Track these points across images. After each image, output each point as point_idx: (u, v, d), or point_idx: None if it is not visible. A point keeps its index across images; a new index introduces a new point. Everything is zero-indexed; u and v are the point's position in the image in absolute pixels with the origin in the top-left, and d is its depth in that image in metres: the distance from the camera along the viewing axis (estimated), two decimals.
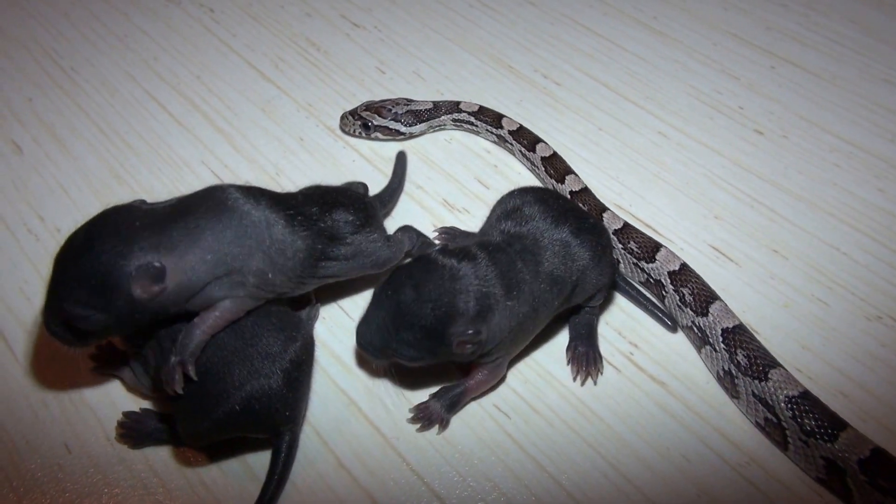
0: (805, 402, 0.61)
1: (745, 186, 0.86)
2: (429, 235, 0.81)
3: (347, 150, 0.93)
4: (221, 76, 1.04)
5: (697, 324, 0.69)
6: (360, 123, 0.91)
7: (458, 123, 0.93)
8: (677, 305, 0.72)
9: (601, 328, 0.72)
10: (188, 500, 0.62)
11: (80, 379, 0.70)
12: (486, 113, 0.92)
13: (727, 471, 0.62)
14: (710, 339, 0.67)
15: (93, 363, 0.69)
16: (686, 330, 0.72)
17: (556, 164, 0.86)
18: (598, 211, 0.80)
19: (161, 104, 1.00)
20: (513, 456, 0.64)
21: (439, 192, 0.87)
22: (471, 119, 0.92)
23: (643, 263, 0.75)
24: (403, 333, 0.57)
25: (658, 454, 0.64)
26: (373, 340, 0.60)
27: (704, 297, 0.70)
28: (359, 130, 0.92)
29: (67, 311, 0.53)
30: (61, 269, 0.55)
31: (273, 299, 0.62)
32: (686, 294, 0.70)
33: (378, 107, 0.91)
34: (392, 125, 0.90)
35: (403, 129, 0.90)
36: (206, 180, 0.90)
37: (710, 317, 0.68)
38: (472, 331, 0.57)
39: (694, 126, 0.94)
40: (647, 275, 0.75)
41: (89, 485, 0.63)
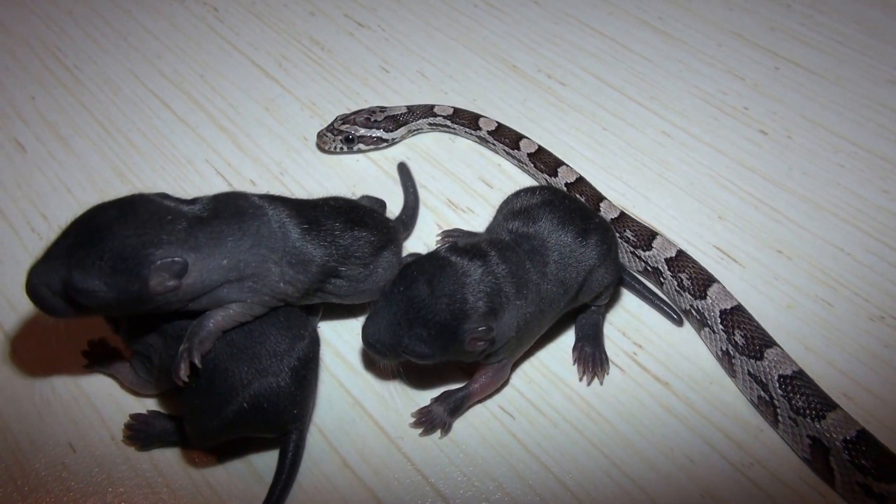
0: (797, 380, 0.62)
1: (749, 187, 0.86)
2: (433, 236, 0.81)
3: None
4: (225, 74, 1.04)
5: (696, 307, 0.70)
6: (341, 138, 0.88)
7: (434, 127, 0.92)
8: (676, 291, 0.73)
9: (605, 328, 0.72)
10: (193, 500, 0.62)
11: (84, 378, 0.70)
12: (462, 115, 0.91)
13: (731, 471, 0.63)
14: (709, 322, 0.69)
15: (85, 361, 0.69)
16: (685, 313, 0.73)
17: (545, 158, 0.86)
18: (595, 200, 0.81)
19: (164, 102, 1.00)
20: (517, 456, 0.64)
21: (443, 192, 0.87)
22: (446, 122, 0.91)
23: (640, 251, 0.76)
24: (417, 329, 0.57)
25: (662, 455, 0.64)
26: (382, 338, 0.59)
27: (702, 281, 0.71)
28: (340, 146, 0.89)
29: (76, 281, 0.51)
30: (81, 237, 0.52)
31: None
32: (684, 279, 0.72)
33: (355, 118, 0.89)
34: (375, 133, 0.88)
35: (386, 135, 0.88)
36: (210, 179, 0.90)
37: (709, 299, 0.69)
38: (484, 327, 0.57)
39: (698, 126, 0.94)
40: (645, 263, 0.76)
41: (93, 484, 0.63)
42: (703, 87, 0.99)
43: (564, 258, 0.63)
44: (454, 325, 0.57)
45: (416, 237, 0.82)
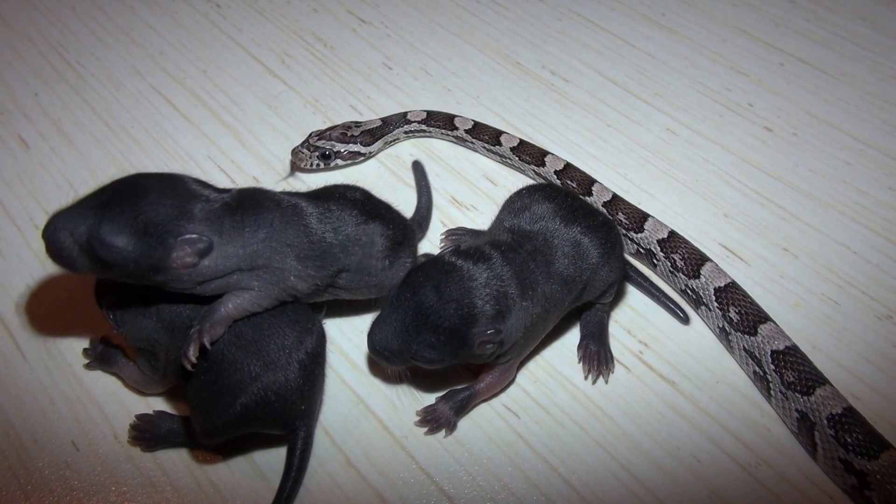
0: (789, 356, 0.63)
1: (755, 184, 0.86)
2: (437, 234, 0.81)
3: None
4: (227, 71, 1.03)
5: (691, 286, 0.71)
6: (318, 154, 0.85)
7: (410, 134, 0.91)
8: (669, 272, 0.74)
9: (610, 326, 0.72)
10: (196, 499, 0.62)
11: (87, 377, 0.70)
12: (436, 117, 0.90)
13: (738, 472, 0.62)
14: (705, 300, 0.70)
15: (86, 359, 0.69)
16: (681, 293, 0.74)
17: (529, 150, 0.86)
18: (587, 184, 0.82)
19: (167, 99, 0.99)
20: (523, 455, 0.64)
21: (448, 190, 0.87)
22: (421, 127, 0.90)
23: (632, 234, 0.77)
24: (426, 335, 0.57)
25: (669, 454, 0.63)
26: (390, 345, 0.59)
27: (695, 261, 0.72)
28: (316, 162, 0.86)
29: (103, 233, 0.52)
30: (120, 195, 0.54)
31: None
32: (677, 259, 0.73)
33: (330, 133, 0.87)
34: (352, 148, 0.86)
35: (364, 149, 0.87)
36: (213, 175, 0.89)
37: (702, 278, 0.70)
38: (492, 330, 0.57)
39: (703, 123, 0.94)
40: (637, 245, 0.76)
41: (97, 483, 0.63)
42: (707, 83, 0.99)
43: (568, 257, 0.62)
44: (463, 329, 0.57)
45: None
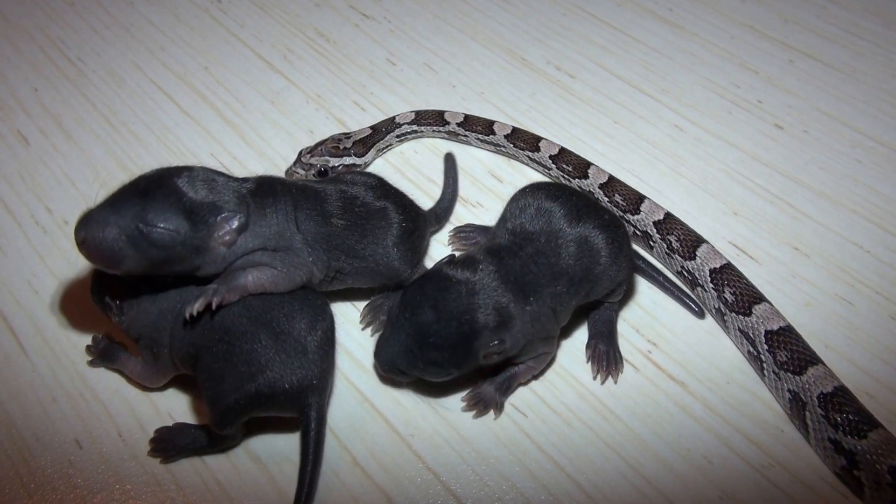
0: (782, 335, 0.64)
1: (765, 182, 0.85)
2: (443, 231, 0.80)
3: None
4: (229, 67, 1.02)
5: (687, 268, 0.72)
6: (313, 172, 0.83)
7: (402, 138, 0.89)
8: (665, 253, 0.74)
9: (619, 325, 0.71)
10: (201, 497, 0.61)
11: (90, 374, 0.69)
12: (425, 115, 0.89)
13: (750, 473, 0.61)
14: (700, 281, 0.70)
15: (89, 356, 0.68)
16: (677, 275, 0.75)
17: (523, 136, 0.86)
18: (582, 167, 0.82)
19: (168, 95, 0.99)
20: (530, 455, 0.63)
21: None
22: (412, 128, 0.89)
23: (629, 216, 0.77)
24: (429, 353, 0.57)
25: (679, 455, 0.63)
26: (397, 363, 0.60)
27: (691, 242, 0.73)
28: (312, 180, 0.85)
29: (152, 219, 0.54)
30: (156, 185, 0.56)
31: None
32: (673, 241, 0.73)
33: (321, 149, 0.85)
34: (347, 161, 0.85)
35: (359, 160, 0.85)
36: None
37: (698, 259, 0.71)
38: (496, 341, 0.57)
39: (711, 120, 0.92)
40: (633, 227, 0.76)
41: (100, 481, 0.62)
42: (715, 79, 0.98)
43: (573, 256, 0.62)
44: (466, 344, 0.57)
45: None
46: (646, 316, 0.73)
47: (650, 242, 0.75)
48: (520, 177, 0.87)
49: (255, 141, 0.92)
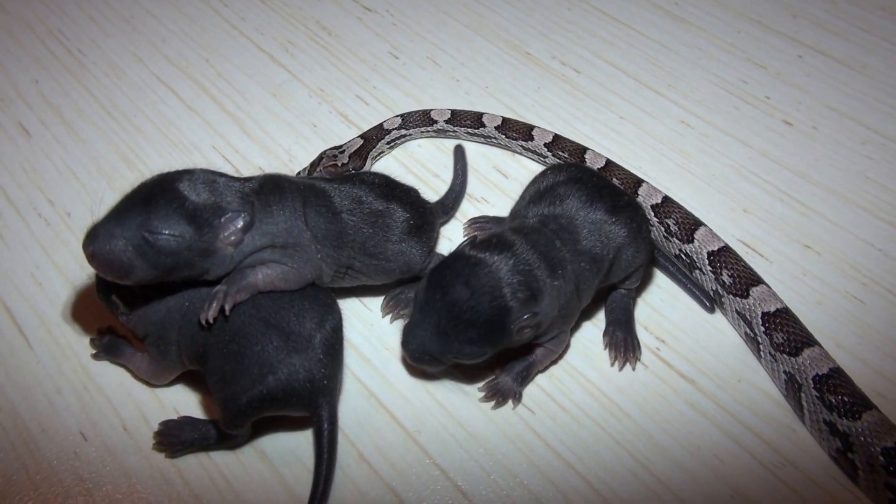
0: (779, 317, 0.64)
1: (775, 179, 0.84)
2: (449, 227, 0.79)
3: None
4: (231, 59, 1.01)
5: (685, 251, 0.73)
6: None
7: (393, 144, 0.88)
8: (664, 237, 0.75)
9: None
10: (206, 491, 0.61)
11: (94, 367, 0.68)
12: (412, 117, 0.88)
13: (762, 472, 0.61)
14: (698, 264, 0.71)
15: (93, 349, 0.68)
16: (675, 258, 0.75)
17: (515, 126, 0.86)
18: (579, 153, 0.82)
19: (170, 87, 0.98)
20: (538, 452, 0.63)
21: None
22: (400, 132, 0.87)
23: None
24: (464, 332, 0.57)
25: (689, 453, 0.62)
26: (430, 349, 0.59)
27: (689, 226, 0.73)
28: None
29: (157, 227, 0.54)
30: (157, 192, 0.56)
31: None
32: (671, 224, 0.74)
33: (320, 170, 0.82)
34: None
35: None
36: (217, 165, 0.86)
37: (696, 242, 0.71)
38: (529, 314, 0.57)
39: (719, 116, 0.92)
40: None
41: (106, 473, 0.62)
42: (722, 75, 0.97)
43: (594, 235, 0.62)
44: (500, 319, 0.57)
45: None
46: (654, 313, 0.72)
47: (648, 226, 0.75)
48: (525, 172, 0.86)
49: (257, 134, 0.91)
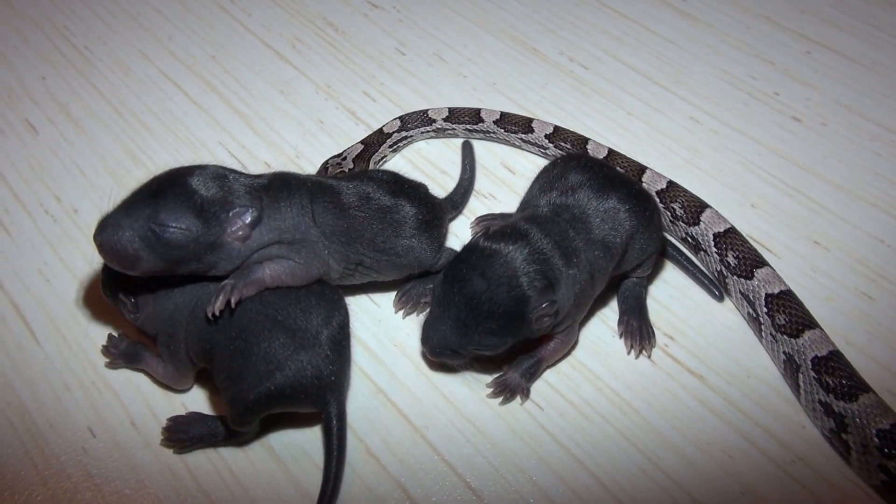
0: (781, 299, 0.65)
1: (783, 175, 0.84)
2: (456, 223, 0.79)
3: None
4: (237, 56, 1.01)
5: (690, 233, 0.74)
6: None
7: (394, 147, 0.87)
8: (670, 221, 0.76)
9: None
10: (215, 487, 0.61)
11: (101, 363, 0.68)
12: (411, 119, 0.87)
13: (772, 468, 0.61)
14: (703, 245, 0.72)
15: (107, 357, 0.67)
16: (682, 241, 0.76)
17: (513, 119, 0.86)
18: (580, 143, 0.83)
19: (176, 84, 0.98)
20: (547, 448, 0.62)
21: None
22: (401, 135, 0.87)
23: None
24: (484, 323, 0.57)
25: (698, 450, 0.62)
26: (450, 342, 0.59)
27: (695, 208, 0.74)
28: None
29: (164, 219, 0.54)
30: (167, 185, 0.56)
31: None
32: (677, 208, 0.75)
33: None
34: None
35: None
36: (224, 162, 0.84)
37: (702, 224, 0.72)
38: (547, 303, 0.57)
39: (728, 112, 0.91)
40: None
41: (114, 469, 0.62)
42: (731, 71, 0.96)
43: (607, 223, 0.62)
44: (519, 308, 0.57)
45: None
46: (662, 310, 0.72)
47: None
48: (532, 167, 0.86)
49: (264, 130, 0.91)
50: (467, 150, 0.85)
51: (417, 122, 0.88)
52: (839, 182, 0.83)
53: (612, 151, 0.81)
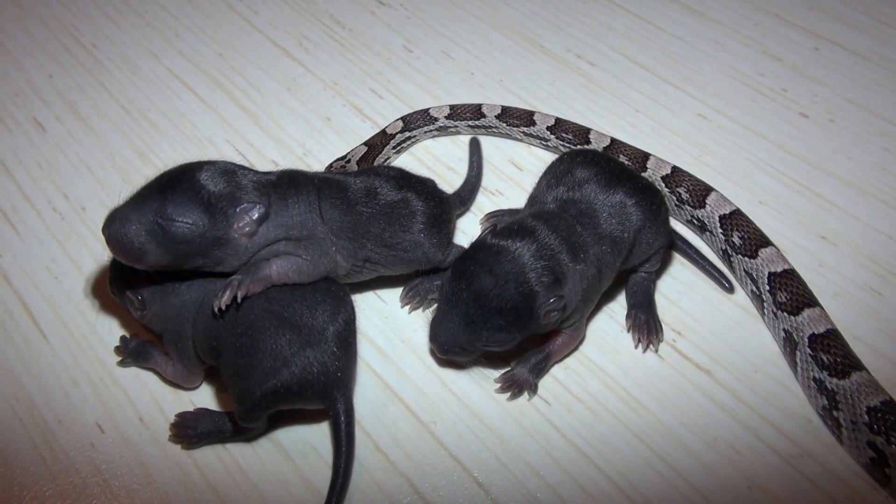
0: (784, 277, 0.66)
1: (791, 171, 0.84)
2: (463, 220, 0.79)
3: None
4: (244, 54, 1.01)
5: (696, 216, 0.75)
6: None
7: (398, 148, 0.87)
8: (675, 206, 0.77)
9: None
10: (223, 482, 0.61)
11: (111, 359, 0.69)
12: (412, 119, 0.87)
13: (779, 463, 0.61)
14: (709, 227, 0.74)
15: (118, 356, 0.68)
16: (687, 224, 0.78)
17: (515, 113, 0.86)
18: (582, 134, 0.83)
19: (184, 82, 0.98)
20: (554, 444, 0.63)
21: None
22: (405, 135, 0.86)
23: None
24: (493, 320, 0.58)
25: (706, 445, 0.62)
26: (459, 340, 0.59)
27: (700, 192, 0.75)
28: None
29: (171, 213, 0.54)
30: (176, 180, 0.56)
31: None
32: (682, 193, 0.76)
33: None
34: None
35: None
36: (232, 159, 0.86)
37: (708, 207, 0.74)
38: (555, 298, 0.58)
39: (736, 108, 0.91)
40: None
41: (122, 464, 0.62)
42: (739, 68, 0.96)
43: (614, 218, 0.62)
44: (527, 304, 0.57)
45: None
46: (670, 305, 0.72)
47: None
48: (539, 163, 0.86)
49: (271, 128, 0.92)
50: (474, 147, 0.85)
51: (420, 122, 0.88)
52: (847, 178, 0.83)
53: (614, 140, 0.81)
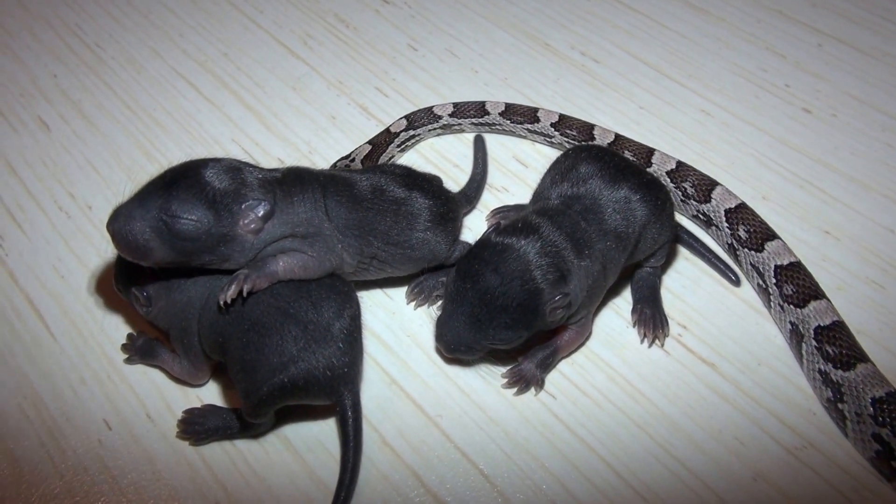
0: (790, 270, 0.67)
1: (794, 166, 0.84)
2: (469, 217, 0.79)
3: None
4: (249, 53, 1.02)
5: (702, 210, 0.76)
6: None
7: (403, 147, 0.87)
8: (681, 200, 0.78)
9: None
10: (231, 478, 0.61)
11: (118, 356, 0.69)
12: (417, 117, 0.87)
13: (784, 455, 0.61)
14: (715, 221, 0.74)
15: (125, 353, 0.68)
16: (693, 219, 0.78)
17: (519, 110, 0.87)
18: (587, 129, 0.84)
19: (189, 81, 0.98)
20: (560, 436, 0.63)
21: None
22: (409, 133, 0.86)
23: None
24: (499, 318, 0.58)
25: (710, 437, 0.62)
26: (465, 339, 0.60)
27: (706, 186, 0.76)
28: None
29: (176, 210, 0.54)
30: (181, 176, 0.56)
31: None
32: (688, 188, 0.76)
33: None
34: None
35: None
36: (238, 158, 0.88)
37: (713, 202, 0.74)
38: (560, 295, 0.58)
39: (739, 105, 0.91)
40: None
41: (131, 461, 0.62)
42: (742, 64, 0.96)
43: (619, 213, 0.63)
44: (533, 302, 0.57)
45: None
46: (675, 300, 0.72)
47: None
48: (544, 160, 0.86)
49: (277, 127, 0.92)
50: (479, 144, 0.85)
51: (424, 120, 0.88)
52: (850, 173, 0.83)
53: (619, 136, 0.82)
